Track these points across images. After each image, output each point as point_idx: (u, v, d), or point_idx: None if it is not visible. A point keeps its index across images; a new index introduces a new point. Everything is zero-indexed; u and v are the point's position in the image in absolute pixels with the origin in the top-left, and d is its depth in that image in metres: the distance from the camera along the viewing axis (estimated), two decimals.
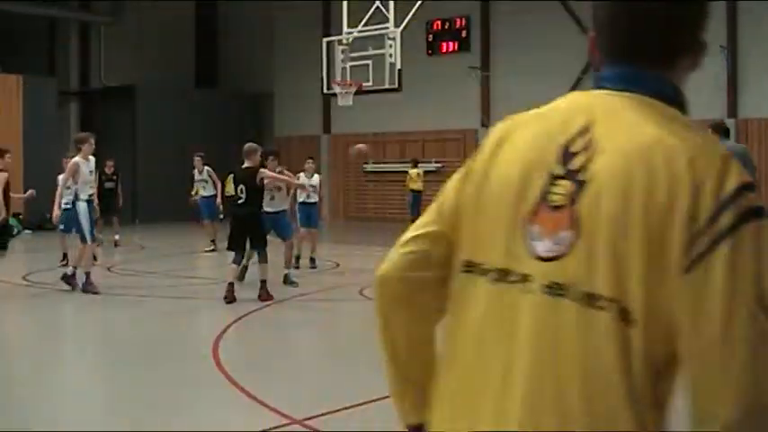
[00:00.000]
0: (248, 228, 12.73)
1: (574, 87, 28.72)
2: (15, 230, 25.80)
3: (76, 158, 14.09)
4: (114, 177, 21.84)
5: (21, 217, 27.02)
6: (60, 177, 14.84)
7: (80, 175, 13.89)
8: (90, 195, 14.30)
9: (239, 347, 9.67)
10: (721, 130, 12.62)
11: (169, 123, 33.21)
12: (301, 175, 16.33)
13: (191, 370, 8.50)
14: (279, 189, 14.36)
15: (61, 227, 16.64)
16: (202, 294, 14.13)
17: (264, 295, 12.49)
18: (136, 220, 32.06)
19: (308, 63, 29.86)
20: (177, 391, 7.68)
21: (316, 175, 16.99)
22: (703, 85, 25.53)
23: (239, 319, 11.11)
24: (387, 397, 6.88)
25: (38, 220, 27.76)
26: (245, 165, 12.94)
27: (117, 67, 35.21)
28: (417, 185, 29.77)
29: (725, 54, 25.56)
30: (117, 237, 21.23)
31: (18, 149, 27.90)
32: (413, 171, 27.81)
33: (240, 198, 12.76)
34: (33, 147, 28.10)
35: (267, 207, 13.76)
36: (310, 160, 17.27)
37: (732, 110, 25.87)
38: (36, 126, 28.29)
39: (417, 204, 30.69)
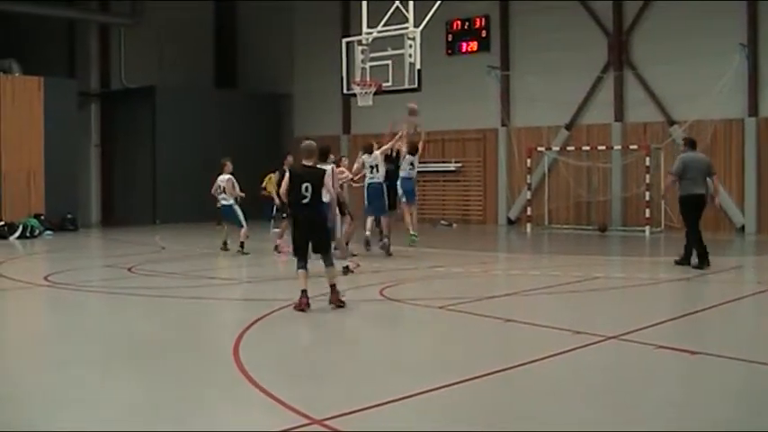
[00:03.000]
0: (313, 230, 12.10)
1: (593, 87, 28.68)
2: (37, 231, 25.97)
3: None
4: None
5: (42, 218, 27.14)
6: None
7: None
8: None
9: (259, 347, 9.66)
10: (689, 143, 17.38)
11: (189, 124, 33.32)
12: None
13: (211, 369, 8.52)
14: None
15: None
16: (223, 295, 14.16)
17: (336, 300, 12.03)
18: (156, 221, 32.17)
19: (328, 63, 29.88)
20: (197, 390, 7.69)
21: None
22: (723, 84, 25.45)
23: (259, 319, 11.11)
24: (406, 397, 6.88)
25: (59, 221, 27.89)
26: (306, 163, 12.28)
27: (137, 67, 35.33)
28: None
29: (745, 52, 25.43)
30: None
31: (39, 150, 28.09)
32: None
33: (305, 197, 11.96)
34: (55, 147, 28.23)
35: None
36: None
37: (753, 108, 25.71)
38: (57, 127, 28.40)
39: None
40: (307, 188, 11.92)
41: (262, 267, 18.07)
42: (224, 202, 20.29)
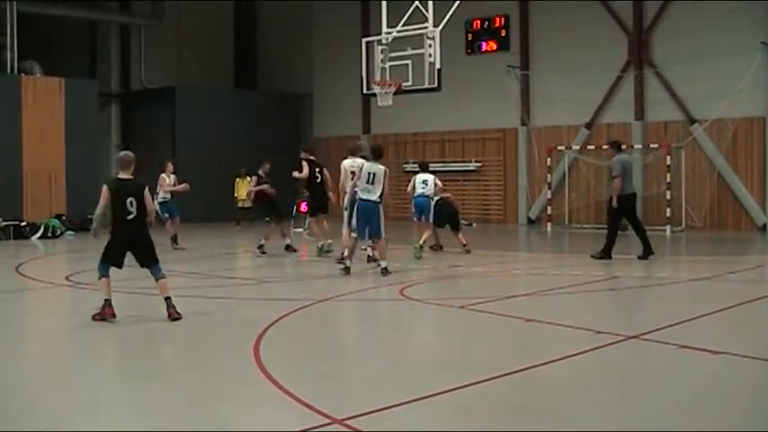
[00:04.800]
0: (138, 245, 11.48)
1: (613, 86, 28.59)
2: (58, 231, 26.08)
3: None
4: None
5: (63, 218, 27.25)
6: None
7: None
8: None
9: (280, 346, 9.67)
10: (617, 145, 19.58)
11: (208, 124, 33.40)
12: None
13: (231, 369, 8.53)
14: None
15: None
16: (243, 294, 14.18)
17: (173, 313, 11.28)
18: None
19: (348, 63, 29.95)
20: (218, 389, 7.69)
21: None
22: (744, 83, 25.33)
23: (280, 318, 11.12)
24: (426, 397, 6.86)
25: (80, 221, 27.98)
26: (123, 176, 11.56)
27: (157, 68, 35.45)
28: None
29: (767, 51, 25.30)
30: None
31: (61, 150, 28.20)
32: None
33: (130, 213, 11.25)
34: (76, 148, 28.33)
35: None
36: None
37: None
38: (78, 128, 28.51)
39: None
40: (131, 203, 11.28)
41: (281, 268, 18.08)
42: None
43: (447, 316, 11.98)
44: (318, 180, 19.15)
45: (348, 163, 17.74)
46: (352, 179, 16.95)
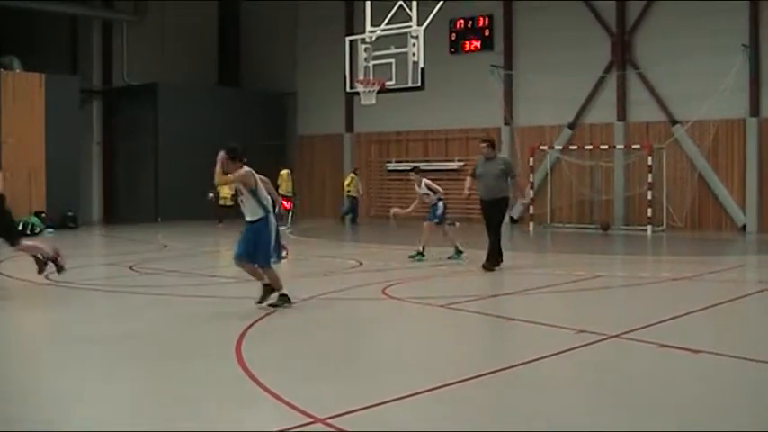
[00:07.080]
0: None
1: (596, 86, 28.67)
2: (38, 229, 25.96)
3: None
4: None
5: (43, 216, 27.12)
6: None
7: None
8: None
9: (262, 346, 9.64)
10: (492, 145, 18.34)
11: (191, 122, 33.29)
12: None
13: (213, 368, 8.50)
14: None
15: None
16: (225, 293, 14.14)
17: None
18: (158, 218, 32.17)
19: (331, 62, 29.97)
20: (199, 388, 7.67)
21: None
22: (726, 85, 25.44)
23: (262, 317, 11.10)
24: (408, 395, 6.84)
25: (60, 219, 27.89)
26: None
27: (139, 65, 35.32)
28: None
29: (747, 53, 25.44)
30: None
31: (41, 147, 28.08)
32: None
33: None
34: (56, 145, 28.22)
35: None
36: None
37: (755, 109, 25.75)
38: (58, 124, 28.39)
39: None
40: None
41: None
42: None
43: (429, 315, 11.98)
44: None
45: None
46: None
